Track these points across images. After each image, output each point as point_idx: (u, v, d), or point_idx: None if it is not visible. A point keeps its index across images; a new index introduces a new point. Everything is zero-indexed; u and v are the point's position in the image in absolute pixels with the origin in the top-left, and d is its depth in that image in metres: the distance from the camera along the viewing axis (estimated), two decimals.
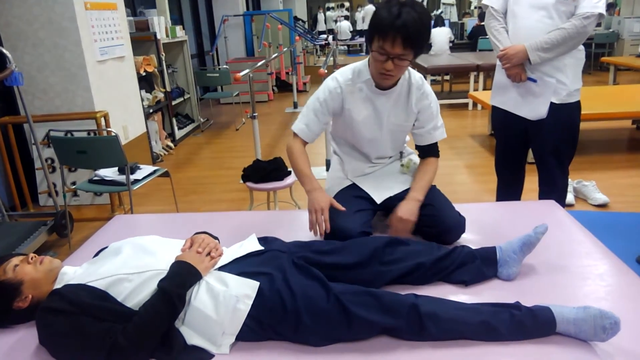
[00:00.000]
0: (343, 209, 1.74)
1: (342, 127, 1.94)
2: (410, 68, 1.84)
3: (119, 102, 4.27)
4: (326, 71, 3.95)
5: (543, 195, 2.49)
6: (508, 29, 2.36)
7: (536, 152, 2.48)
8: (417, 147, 2.00)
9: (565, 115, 2.33)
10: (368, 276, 1.50)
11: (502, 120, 2.54)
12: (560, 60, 2.26)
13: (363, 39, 16.54)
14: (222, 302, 1.32)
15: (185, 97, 6.34)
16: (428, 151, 1.97)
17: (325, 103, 1.85)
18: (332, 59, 5.52)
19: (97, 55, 3.92)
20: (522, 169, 2.66)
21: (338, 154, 2.09)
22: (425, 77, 1.95)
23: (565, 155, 2.43)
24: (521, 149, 2.58)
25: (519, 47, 2.25)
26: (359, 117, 1.87)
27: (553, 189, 2.46)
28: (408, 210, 1.78)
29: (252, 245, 1.58)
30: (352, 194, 1.93)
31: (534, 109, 2.35)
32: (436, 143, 1.96)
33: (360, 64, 1.86)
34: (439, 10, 14.07)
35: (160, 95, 5.40)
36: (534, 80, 2.31)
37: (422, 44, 1.65)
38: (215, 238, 1.60)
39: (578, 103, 2.36)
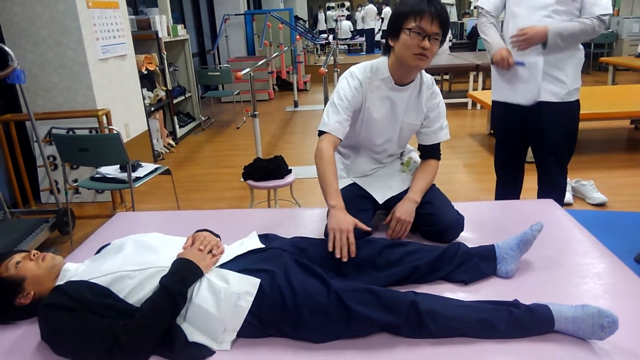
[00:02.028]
0: (368, 229, 1.67)
1: (358, 126, 1.90)
2: None
3: (121, 100, 4.28)
4: (326, 70, 3.96)
5: (542, 194, 2.50)
6: (508, 29, 2.38)
7: (536, 150, 2.50)
8: (420, 147, 2.00)
9: (565, 113, 2.34)
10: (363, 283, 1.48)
11: (502, 118, 2.55)
12: (560, 59, 2.27)
13: (363, 39, 16.51)
14: (223, 299, 1.33)
15: (187, 96, 6.35)
16: (430, 152, 1.97)
17: (353, 99, 1.81)
18: (332, 58, 5.53)
19: (99, 54, 3.93)
20: (521, 168, 2.67)
21: (342, 153, 2.07)
22: None
23: (564, 154, 2.45)
24: (521, 148, 2.59)
25: (539, 28, 2.22)
26: (377, 115, 1.86)
27: (552, 188, 2.47)
28: (405, 211, 1.79)
29: (252, 242, 1.58)
30: (354, 193, 1.93)
31: (526, 93, 2.36)
32: (439, 144, 1.97)
33: (378, 62, 1.84)
34: None
35: (162, 94, 5.42)
36: (522, 64, 2.32)
37: (448, 30, 1.71)
38: (217, 236, 1.61)
39: (577, 102, 2.37)
